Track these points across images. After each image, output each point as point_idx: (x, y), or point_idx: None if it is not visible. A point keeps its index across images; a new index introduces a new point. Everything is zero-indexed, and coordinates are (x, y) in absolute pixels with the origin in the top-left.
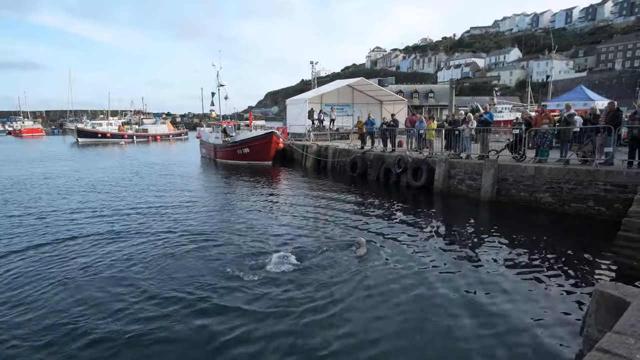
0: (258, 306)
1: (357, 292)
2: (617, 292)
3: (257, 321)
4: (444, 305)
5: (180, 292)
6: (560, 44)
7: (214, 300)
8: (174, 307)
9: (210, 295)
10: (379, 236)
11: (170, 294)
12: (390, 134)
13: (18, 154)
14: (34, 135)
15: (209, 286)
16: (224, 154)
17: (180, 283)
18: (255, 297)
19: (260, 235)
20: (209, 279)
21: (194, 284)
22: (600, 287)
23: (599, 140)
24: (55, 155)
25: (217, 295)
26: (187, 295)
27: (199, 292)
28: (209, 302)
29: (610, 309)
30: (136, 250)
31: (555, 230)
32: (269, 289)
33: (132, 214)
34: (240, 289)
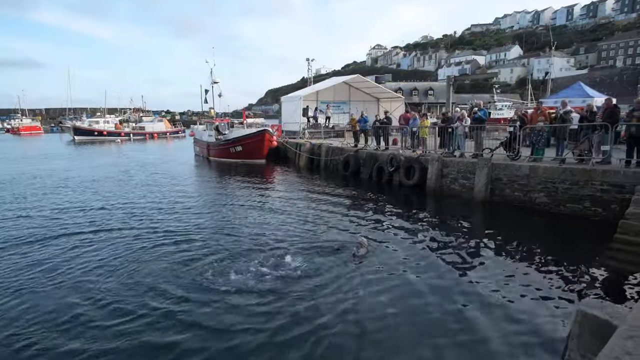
0: (255, 307)
1: (353, 293)
2: (603, 313)
3: (253, 322)
4: (435, 309)
5: (159, 297)
6: (561, 41)
7: (198, 308)
8: (152, 312)
9: (194, 302)
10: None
11: (145, 300)
12: (384, 131)
13: (13, 151)
14: (32, 133)
15: (189, 293)
16: (217, 152)
17: (155, 288)
18: (252, 298)
19: (252, 236)
20: (189, 284)
21: (173, 290)
22: (583, 306)
23: (595, 138)
24: (49, 154)
25: (203, 300)
26: (166, 300)
27: (180, 298)
28: (190, 310)
29: (595, 332)
30: (110, 252)
31: (550, 232)
32: (265, 291)
33: (114, 214)
34: (234, 292)
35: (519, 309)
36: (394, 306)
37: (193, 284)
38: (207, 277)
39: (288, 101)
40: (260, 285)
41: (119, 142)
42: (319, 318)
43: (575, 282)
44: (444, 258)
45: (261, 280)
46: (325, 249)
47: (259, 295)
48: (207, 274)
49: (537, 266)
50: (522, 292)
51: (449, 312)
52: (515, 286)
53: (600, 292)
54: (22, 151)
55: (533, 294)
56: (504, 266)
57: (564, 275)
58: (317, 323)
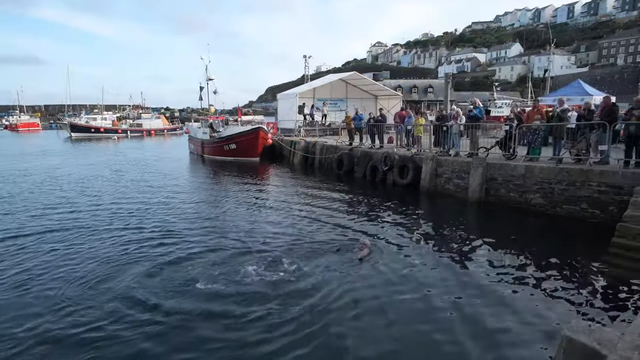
0: (254, 309)
1: (353, 297)
2: (590, 339)
3: (251, 324)
4: (429, 312)
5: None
6: (562, 39)
7: (193, 312)
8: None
9: (186, 307)
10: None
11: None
12: (378, 129)
13: (8, 148)
14: (30, 129)
15: (169, 299)
16: (211, 149)
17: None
18: (252, 300)
19: (240, 237)
20: (170, 289)
21: (152, 296)
22: (569, 331)
23: (593, 138)
24: (44, 150)
25: (199, 305)
26: (144, 307)
27: (161, 305)
28: (185, 315)
29: None
30: (88, 253)
31: (546, 235)
32: (263, 294)
33: (98, 214)
34: (227, 295)
35: (510, 317)
36: (388, 308)
37: (174, 288)
38: (191, 279)
39: (284, 98)
40: (255, 287)
41: (115, 139)
42: (318, 319)
43: (570, 289)
44: (436, 260)
45: (257, 281)
46: (316, 250)
47: (256, 298)
48: (192, 274)
49: (530, 271)
50: (514, 298)
51: (445, 312)
52: (507, 292)
53: (595, 301)
54: (16, 148)
55: (525, 301)
56: (496, 272)
57: (558, 281)
58: (316, 324)
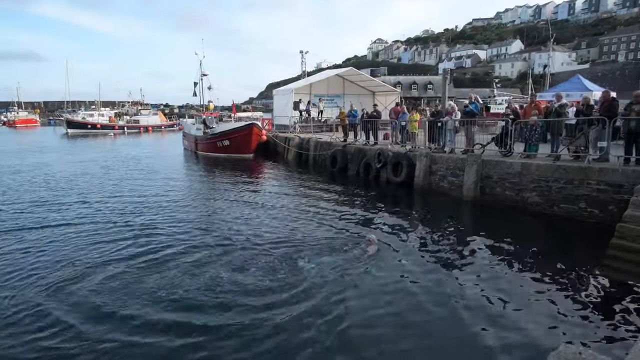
0: (261, 306)
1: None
2: None
3: (258, 323)
4: (421, 315)
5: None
6: (563, 35)
7: (201, 317)
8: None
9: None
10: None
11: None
12: (372, 125)
13: (3, 145)
14: (28, 125)
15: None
16: (205, 146)
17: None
18: (254, 299)
19: (231, 236)
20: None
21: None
22: (555, 358)
23: (592, 134)
24: (39, 147)
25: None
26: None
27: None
28: (190, 319)
29: None
30: (63, 251)
31: (542, 236)
32: (264, 293)
33: (79, 212)
34: (250, 292)
35: (501, 322)
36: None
37: (160, 289)
38: (179, 281)
39: (280, 94)
40: (256, 287)
41: (111, 135)
42: (320, 318)
43: (565, 295)
44: (427, 263)
45: (257, 281)
46: (336, 244)
47: (259, 297)
48: (177, 275)
49: (525, 274)
50: (507, 303)
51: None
52: (500, 296)
53: (592, 309)
54: (10, 144)
55: (518, 306)
56: (490, 274)
57: (553, 286)
58: (318, 321)
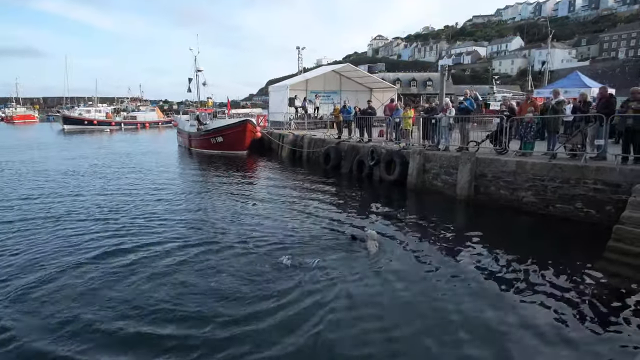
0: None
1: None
2: None
3: (257, 325)
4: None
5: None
6: (563, 32)
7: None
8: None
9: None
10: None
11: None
12: (366, 122)
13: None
14: (25, 121)
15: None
16: (198, 143)
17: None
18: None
19: (223, 235)
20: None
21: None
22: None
23: (590, 131)
24: (35, 143)
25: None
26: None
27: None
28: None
29: None
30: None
31: (537, 237)
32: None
33: (59, 210)
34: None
35: (494, 326)
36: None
37: (156, 286)
38: (170, 278)
39: (275, 90)
40: (251, 284)
41: (108, 131)
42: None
43: (559, 301)
44: (418, 265)
45: (252, 278)
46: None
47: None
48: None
49: (517, 278)
50: (499, 308)
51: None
52: (492, 300)
53: (588, 314)
54: (5, 140)
55: (509, 310)
56: (482, 277)
57: (546, 292)
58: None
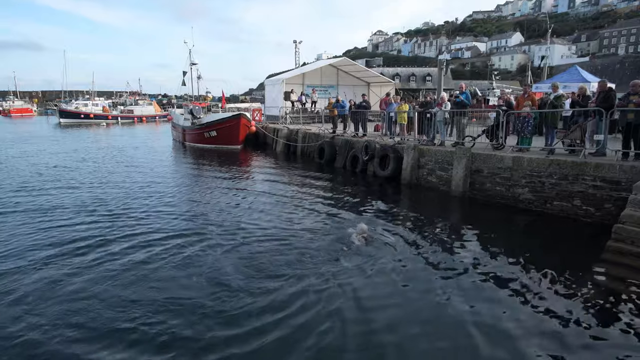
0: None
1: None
2: None
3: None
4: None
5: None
6: (563, 28)
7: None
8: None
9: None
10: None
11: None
12: (361, 117)
13: None
14: (23, 115)
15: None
16: (192, 137)
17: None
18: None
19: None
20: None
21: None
22: None
23: (589, 127)
24: (28, 136)
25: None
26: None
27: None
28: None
29: None
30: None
31: (533, 235)
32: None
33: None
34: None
35: (488, 327)
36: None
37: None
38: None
39: (271, 84)
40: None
41: (104, 125)
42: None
43: (554, 303)
44: (406, 265)
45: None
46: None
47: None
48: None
49: (511, 278)
50: (494, 309)
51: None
52: (487, 300)
53: (586, 317)
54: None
55: (502, 314)
56: (475, 278)
57: (541, 293)
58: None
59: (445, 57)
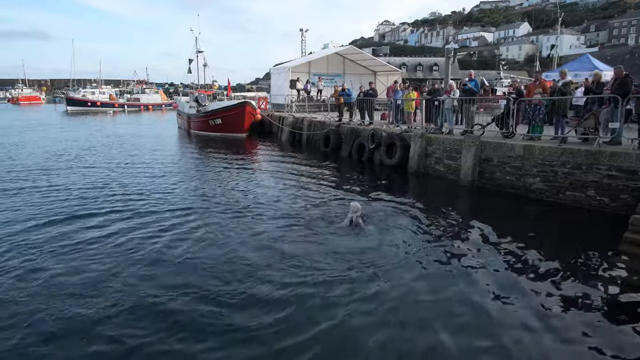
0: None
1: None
2: None
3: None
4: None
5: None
6: (572, 19)
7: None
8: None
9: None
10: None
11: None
12: (367, 105)
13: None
14: (31, 102)
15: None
16: (197, 124)
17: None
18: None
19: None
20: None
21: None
22: None
23: (603, 114)
24: (35, 124)
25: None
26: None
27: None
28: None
29: None
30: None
31: (545, 226)
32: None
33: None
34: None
35: (493, 326)
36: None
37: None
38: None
39: (277, 72)
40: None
41: (111, 113)
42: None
43: (567, 297)
44: (413, 257)
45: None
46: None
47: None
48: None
49: (523, 270)
50: (500, 303)
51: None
52: (496, 293)
53: (600, 317)
54: (4, 121)
55: (513, 306)
56: (482, 272)
57: (553, 287)
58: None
59: (453, 47)
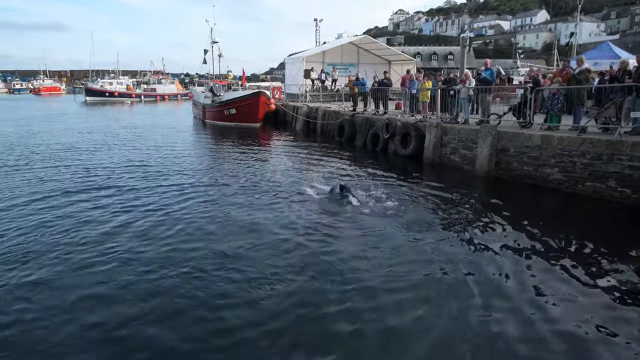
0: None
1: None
2: None
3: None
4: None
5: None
6: (592, 5)
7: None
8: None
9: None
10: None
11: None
12: (382, 94)
13: (17, 111)
14: (52, 93)
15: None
16: (212, 114)
17: None
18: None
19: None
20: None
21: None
22: None
23: (625, 103)
24: (55, 114)
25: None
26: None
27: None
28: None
29: None
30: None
31: (564, 217)
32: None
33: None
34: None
35: (509, 317)
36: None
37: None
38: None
39: (291, 62)
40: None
41: (128, 103)
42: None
43: (586, 289)
44: (427, 248)
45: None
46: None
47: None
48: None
49: (541, 265)
50: (518, 293)
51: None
52: (511, 285)
53: (621, 316)
54: (25, 111)
55: (530, 298)
56: (501, 261)
57: (572, 279)
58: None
59: (468, 35)
